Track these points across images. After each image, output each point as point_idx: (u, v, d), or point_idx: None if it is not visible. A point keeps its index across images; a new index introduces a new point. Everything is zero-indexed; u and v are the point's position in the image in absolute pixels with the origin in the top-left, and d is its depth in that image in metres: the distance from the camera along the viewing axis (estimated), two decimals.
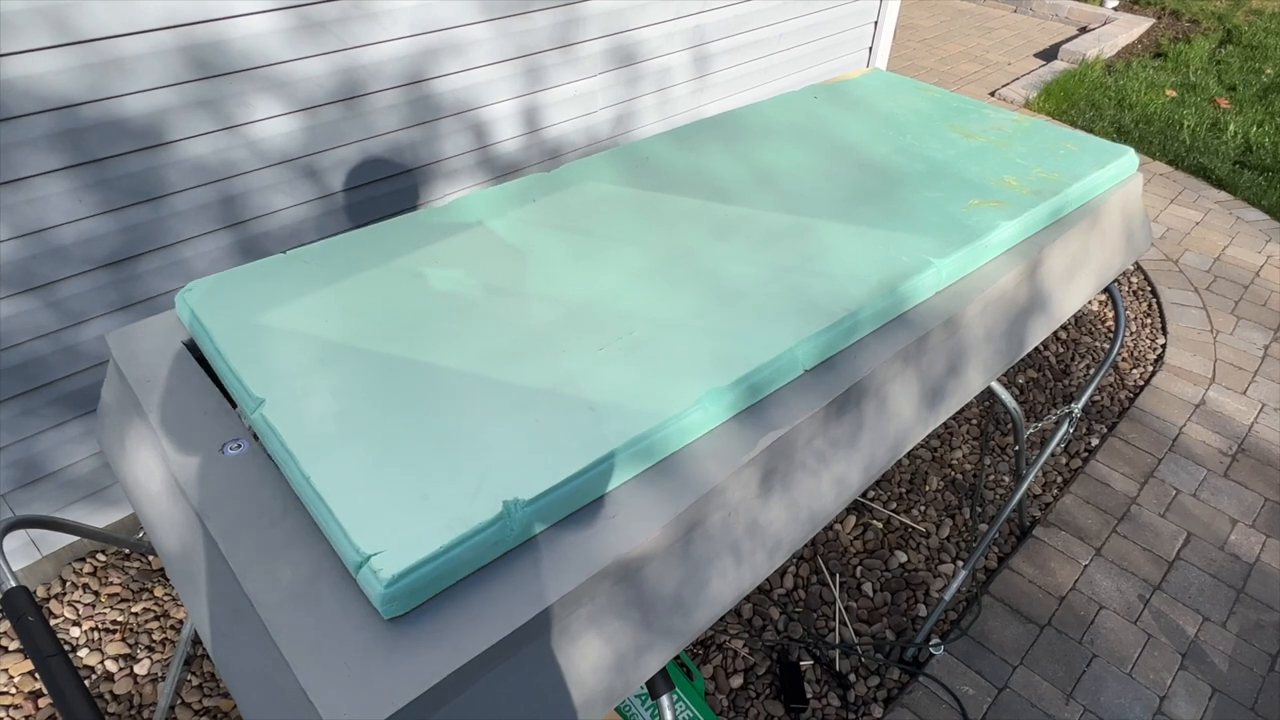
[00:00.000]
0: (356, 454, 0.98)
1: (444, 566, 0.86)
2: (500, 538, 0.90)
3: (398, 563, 0.84)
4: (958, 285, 1.41)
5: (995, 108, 1.97)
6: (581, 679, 0.95)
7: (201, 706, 1.95)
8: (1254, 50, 6.18)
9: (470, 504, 0.91)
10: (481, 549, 0.89)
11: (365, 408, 1.04)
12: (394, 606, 0.84)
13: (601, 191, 1.56)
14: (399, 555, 0.85)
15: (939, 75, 5.69)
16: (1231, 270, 3.72)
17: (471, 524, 0.89)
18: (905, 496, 2.56)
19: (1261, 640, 2.19)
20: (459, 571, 0.88)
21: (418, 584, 0.84)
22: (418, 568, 0.84)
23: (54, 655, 0.99)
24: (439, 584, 0.87)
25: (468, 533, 0.88)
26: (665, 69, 2.90)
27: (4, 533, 1.17)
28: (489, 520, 0.89)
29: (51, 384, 1.93)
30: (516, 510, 0.91)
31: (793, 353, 1.18)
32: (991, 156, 1.73)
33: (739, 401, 1.11)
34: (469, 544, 0.88)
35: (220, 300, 1.23)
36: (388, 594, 0.83)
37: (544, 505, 0.94)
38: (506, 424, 1.02)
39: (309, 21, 1.93)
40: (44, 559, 2.16)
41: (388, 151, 2.25)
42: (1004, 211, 1.51)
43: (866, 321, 1.27)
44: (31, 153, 1.68)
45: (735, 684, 2.04)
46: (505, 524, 0.90)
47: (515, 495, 0.92)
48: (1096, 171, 1.67)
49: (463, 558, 0.87)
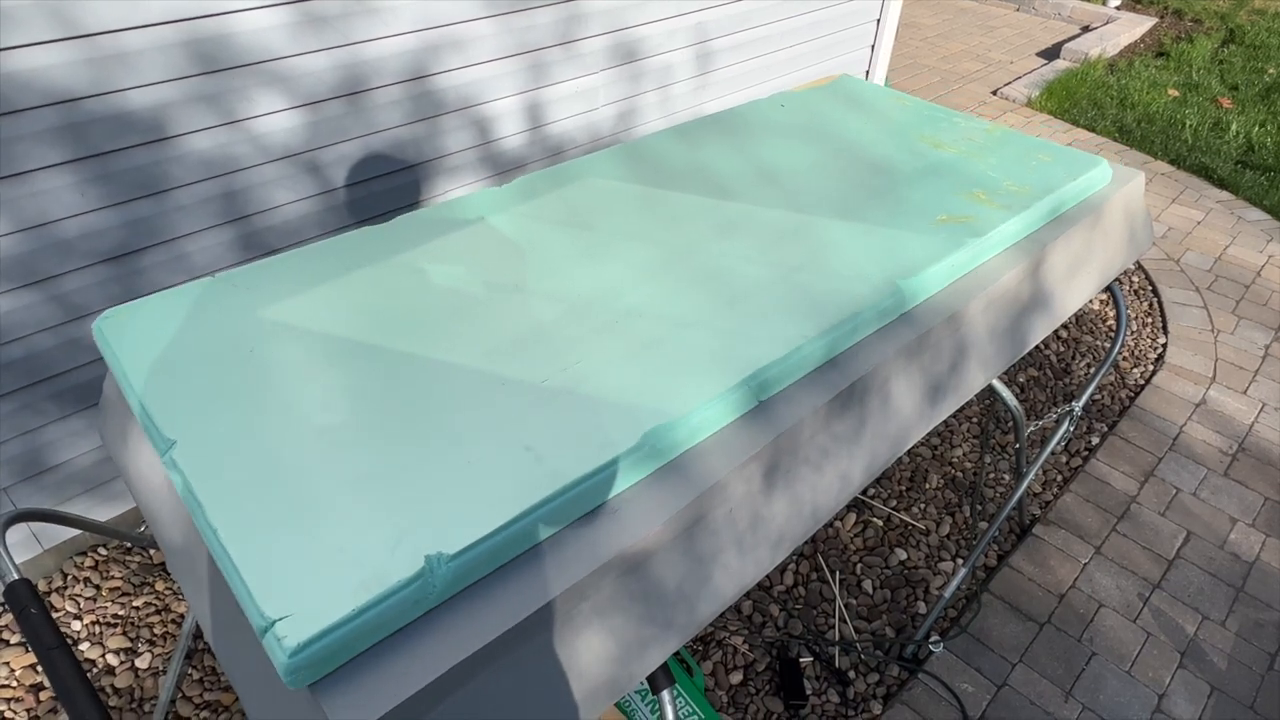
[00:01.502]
0: (271, 501, 0.89)
1: (357, 631, 0.78)
2: (420, 596, 0.82)
3: (304, 630, 0.76)
4: (960, 283, 1.41)
5: (967, 116, 1.93)
6: (584, 672, 0.95)
7: (202, 700, 1.95)
8: (1256, 50, 6.18)
9: (389, 558, 0.83)
10: (400, 609, 0.81)
11: (285, 447, 0.96)
12: (300, 676, 0.77)
13: (542, 201, 1.50)
14: (306, 621, 0.77)
15: (941, 74, 5.69)
16: (1233, 270, 3.72)
17: (388, 583, 0.80)
18: (905, 494, 2.56)
19: (1261, 639, 2.19)
20: (375, 634, 0.80)
21: (326, 651, 0.77)
22: (326, 634, 0.77)
23: (56, 648, 0.99)
24: (353, 649, 0.79)
25: (384, 593, 0.80)
26: (667, 66, 2.90)
27: (6, 526, 1.17)
28: (408, 579, 0.81)
29: (54, 378, 1.94)
30: (440, 566, 0.83)
31: (724, 397, 1.10)
32: (958, 169, 1.68)
33: (648, 462, 1.02)
34: (385, 605, 0.80)
35: (138, 330, 1.15)
36: (292, 664, 0.75)
37: (470, 559, 0.85)
38: (436, 464, 0.94)
39: (311, 17, 1.93)
40: (45, 553, 2.16)
41: (390, 147, 2.25)
42: (972, 227, 1.47)
43: (803, 362, 1.19)
44: (34, 146, 1.68)
45: (735, 680, 2.04)
46: (426, 581, 0.82)
47: (439, 549, 0.84)
48: (1068, 184, 1.62)
49: (378, 620, 0.80)
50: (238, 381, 1.06)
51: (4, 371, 1.85)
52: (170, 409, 1.02)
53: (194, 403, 1.03)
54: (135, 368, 1.09)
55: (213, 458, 0.95)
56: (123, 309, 1.19)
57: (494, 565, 0.88)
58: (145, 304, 1.21)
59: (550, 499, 0.91)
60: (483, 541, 0.86)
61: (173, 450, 0.97)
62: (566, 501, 0.93)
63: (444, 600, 0.84)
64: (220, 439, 0.98)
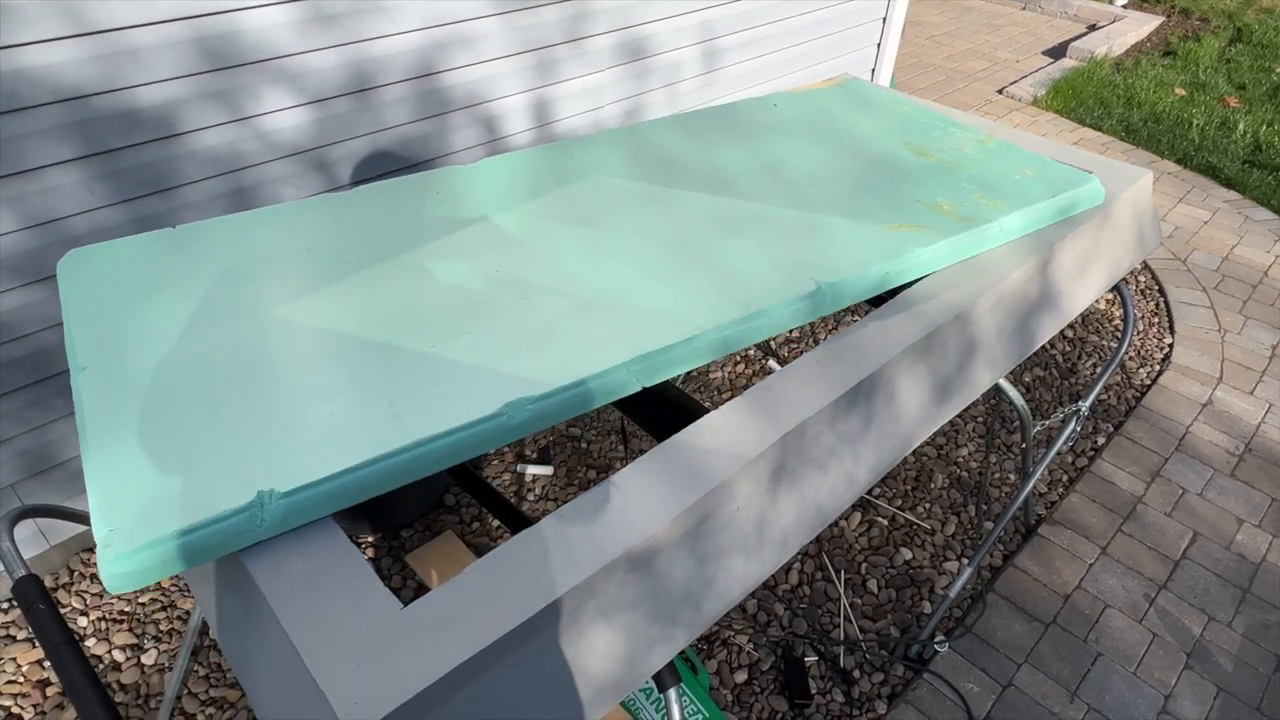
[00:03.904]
0: (146, 430, 0.98)
1: (182, 549, 0.87)
2: (248, 527, 0.89)
3: (130, 542, 0.85)
4: (965, 281, 1.41)
5: (966, 125, 1.85)
6: (590, 671, 0.95)
7: (208, 696, 1.96)
8: (1264, 49, 6.16)
9: (229, 489, 0.91)
10: (226, 536, 0.89)
11: (179, 385, 1.04)
12: (119, 582, 0.85)
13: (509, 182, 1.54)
14: (133, 534, 0.86)
15: (947, 73, 5.68)
16: (1240, 270, 3.71)
17: (216, 510, 0.88)
18: (911, 494, 2.56)
19: (1267, 640, 2.19)
20: (204, 555, 0.88)
21: (148, 563, 0.85)
22: (148, 548, 0.85)
23: (64, 644, 0.99)
24: (175, 565, 0.87)
25: (211, 519, 0.88)
26: (674, 64, 2.89)
27: (13, 522, 1.17)
28: (236, 509, 0.89)
29: (61, 375, 1.94)
30: (270, 501, 0.90)
31: (626, 368, 1.11)
32: (934, 177, 1.63)
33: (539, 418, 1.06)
34: (211, 529, 0.88)
35: (91, 270, 1.23)
36: (112, 573, 0.84)
37: (301, 499, 0.92)
38: (301, 412, 1.01)
39: (320, 14, 1.94)
40: (52, 549, 2.17)
41: (397, 145, 2.25)
42: (921, 237, 1.42)
43: (720, 341, 1.20)
44: (44, 143, 1.68)
45: (740, 679, 2.04)
46: (255, 514, 0.90)
47: (273, 486, 0.91)
48: (1044, 201, 1.54)
49: (203, 542, 0.88)
50: (162, 323, 1.14)
51: (12, 368, 1.85)
52: (92, 341, 1.10)
53: (115, 339, 1.11)
54: (76, 303, 1.17)
55: (110, 387, 1.03)
56: (84, 250, 1.26)
57: (328, 509, 0.94)
58: (105, 247, 1.28)
59: (391, 455, 0.96)
60: (315, 485, 0.92)
61: (80, 374, 1.05)
62: (409, 459, 0.97)
63: (275, 534, 0.92)
64: (123, 372, 1.06)
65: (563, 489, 2.53)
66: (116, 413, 1.00)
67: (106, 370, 1.06)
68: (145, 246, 1.29)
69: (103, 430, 0.98)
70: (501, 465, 2.59)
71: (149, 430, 0.98)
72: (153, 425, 0.98)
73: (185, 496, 0.90)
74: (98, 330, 1.12)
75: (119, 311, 1.16)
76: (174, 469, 0.93)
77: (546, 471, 2.57)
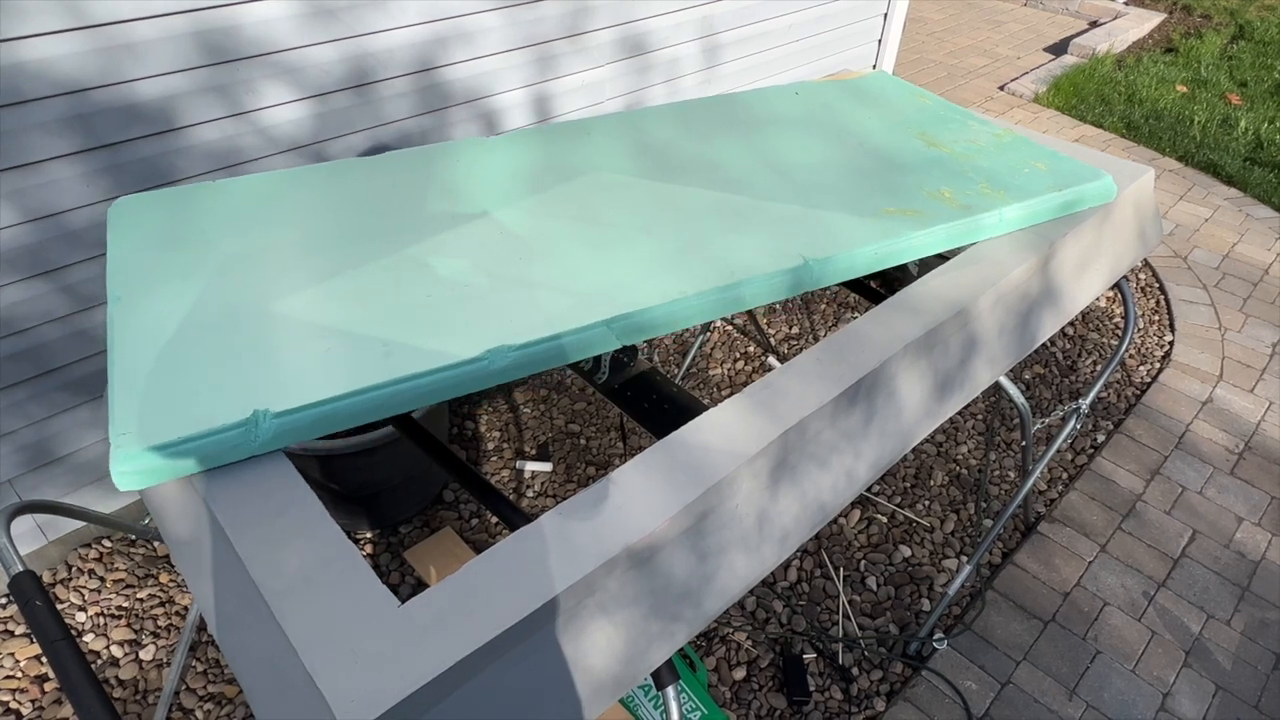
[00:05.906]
0: (167, 353, 1.08)
1: (183, 453, 0.96)
2: (242, 441, 0.98)
3: (136, 444, 0.94)
4: (967, 277, 1.40)
5: (985, 120, 1.85)
6: (589, 667, 0.95)
7: (206, 692, 1.96)
8: (1266, 46, 6.14)
9: (230, 406, 1.00)
10: (223, 447, 0.98)
11: (202, 316, 1.15)
12: (126, 480, 0.94)
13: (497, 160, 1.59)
14: (140, 438, 0.95)
15: (948, 69, 5.67)
16: (1240, 267, 3.71)
17: (216, 423, 0.97)
18: (910, 491, 2.56)
19: (1266, 638, 2.19)
20: (203, 463, 0.97)
21: (152, 465, 0.94)
22: (153, 451, 0.94)
23: (61, 640, 0.99)
24: (176, 471, 0.96)
25: (210, 430, 0.97)
26: (674, 59, 2.89)
27: (11, 517, 1.17)
28: (233, 424, 0.98)
29: (61, 369, 1.94)
30: (264, 420, 0.99)
31: (606, 325, 1.17)
32: (941, 167, 1.62)
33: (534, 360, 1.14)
34: (209, 439, 0.97)
35: (136, 216, 1.34)
36: (119, 470, 0.94)
37: (292, 420, 1.00)
38: (300, 348, 1.10)
39: (319, 8, 1.93)
40: (50, 544, 2.17)
41: (397, 139, 2.24)
42: (916, 221, 1.43)
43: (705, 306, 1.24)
44: (43, 136, 1.67)
45: (738, 676, 2.04)
46: (250, 430, 0.98)
47: (268, 406, 1.00)
48: (1047, 194, 1.55)
49: (201, 451, 0.97)
50: (190, 264, 1.25)
51: (11, 362, 1.85)
52: (127, 276, 1.21)
53: (147, 275, 1.22)
54: (119, 241, 1.28)
55: (138, 316, 1.14)
56: (131, 197, 1.38)
57: (317, 432, 1.03)
58: (150, 196, 1.39)
59: (377, 387, 1.05)
60: (305, 408, 1.01)
61: (115, 304, 1.16)
62: (393, 392, 1.06)
63: (268, 450, 1.01)
64: (150, 304, 1.17)
65: (562, 485, 2.52)
66: (140, 338, 1.11)
67: (135, 301, 1.17)
68: (185, 197, 1.40)
69: (126, 351, 1.09)
70: (500, 461, 2.59)
71: (165, 354, 1.09)
72: (169, 350, 1.09)
73: (191, 410, 1.00)
74: (134, 267, 1.23)
75: (155, 251, 1.27)
76: (183, 387, 1.03)
77: (546, 468, 2.57)
